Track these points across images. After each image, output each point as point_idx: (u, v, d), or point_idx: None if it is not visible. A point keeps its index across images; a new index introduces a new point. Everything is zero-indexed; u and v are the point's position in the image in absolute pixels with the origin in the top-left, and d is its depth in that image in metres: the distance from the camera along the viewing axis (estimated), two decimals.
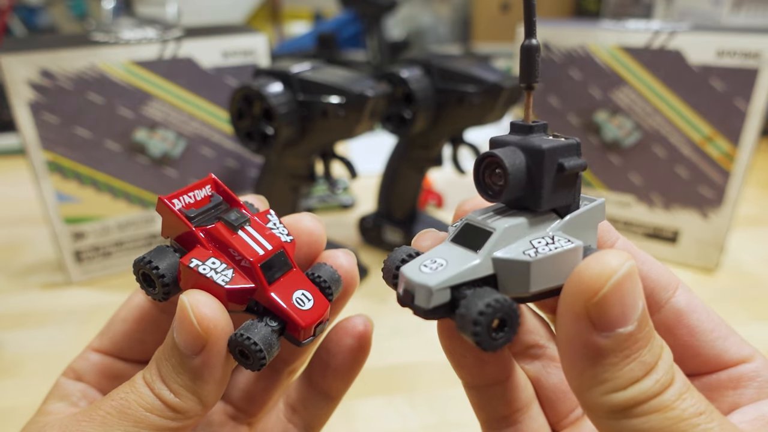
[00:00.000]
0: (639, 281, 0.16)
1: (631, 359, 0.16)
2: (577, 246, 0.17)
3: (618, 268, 0.15)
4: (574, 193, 0.18)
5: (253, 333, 0.18)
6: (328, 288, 0.21)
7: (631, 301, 0.15)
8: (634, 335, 0.15)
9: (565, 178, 0.17)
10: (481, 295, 0.16)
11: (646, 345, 0.16)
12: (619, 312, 0.15)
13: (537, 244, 0.17)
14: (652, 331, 0.16)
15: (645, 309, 0.16)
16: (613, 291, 0.15)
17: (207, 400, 0.19)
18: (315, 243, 0.23)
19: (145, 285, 0.20)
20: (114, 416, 0.19)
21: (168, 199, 0.20)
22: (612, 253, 0.15)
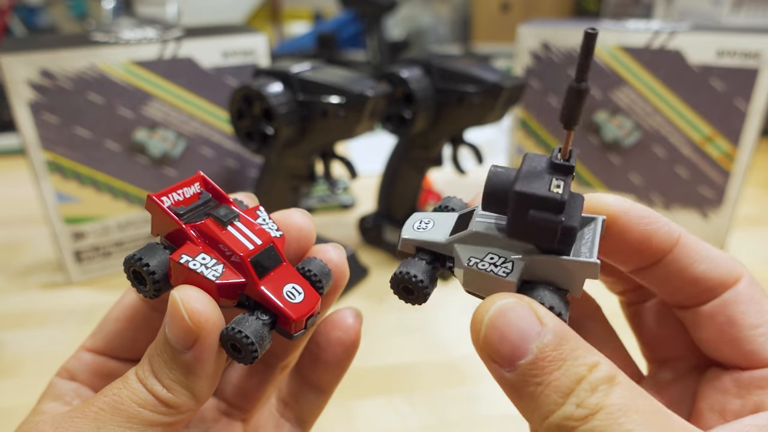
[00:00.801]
0: (521, 315, 0.16)
1: (543, 386, 0.16)
2: (509, 282, 0.18)
3: (487, 311, 0.17)
4: (552, 241, 0.17)
5: (244, 326, 0.19)
6: (318, 281, 0.21)
7: (516, 334, 0.16)
8: (538, 363, 0.16)
9: (538, 227, 0.17)
10: (408, 263, 0.20)
11: (558, 369, 0.16)
12: (508, 347, 0.16)
13: (487, 258, 0.19)
14: (565, 353, 0.16)
15: (552, 333, 0.16)
16: (489, 332, 0.16)
17: (200, 395, 0.19)
18: (305, 238, 0.23)
19: (136, 283, 0.20)
20: (107, 412, 0.19)
21: (157, 197, 0.20)
22: (492, 297, 0.17)
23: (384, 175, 0.61)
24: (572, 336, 0.16)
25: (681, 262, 0.20)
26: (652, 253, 0.20)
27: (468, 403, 0.42)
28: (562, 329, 0.16)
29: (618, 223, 0.20)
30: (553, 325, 0.16)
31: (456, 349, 0.47)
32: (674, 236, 0.20)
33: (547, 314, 0.17)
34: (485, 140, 0.94)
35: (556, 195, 0.17)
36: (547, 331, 0.16)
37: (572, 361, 0.16)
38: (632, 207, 0.20)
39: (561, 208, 0.17)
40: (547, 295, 0.18)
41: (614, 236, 0.20)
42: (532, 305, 0.17)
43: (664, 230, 0.20)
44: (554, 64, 0.64)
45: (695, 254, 0.20)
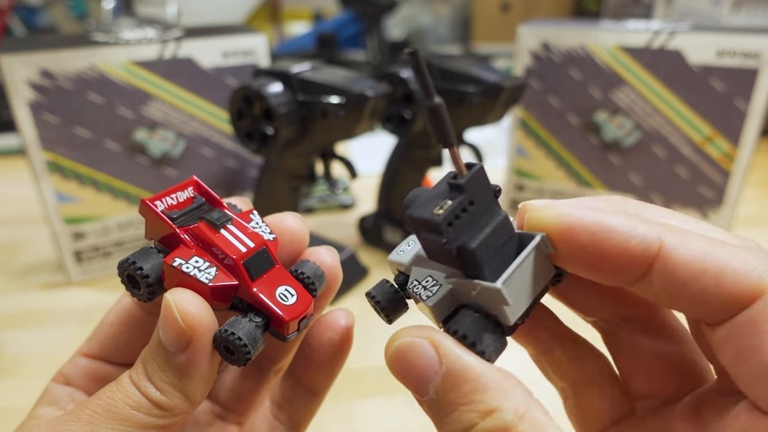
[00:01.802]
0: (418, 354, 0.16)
1: (442, 424, 0.16)
2: (429, 306, 0.18)
3: (388, 347, 0.17)
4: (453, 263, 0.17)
5: (237, 328, 0.19)
6: (311, 284, 0.21)
7: (414, 375, 0.16)
8: (435, 404, 0.16)
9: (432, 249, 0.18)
10: (377, 286, 0.20)
11: (451, 413, 0.15)
12: (408, 383, 0.16)
13: (424, 281, 0.19)
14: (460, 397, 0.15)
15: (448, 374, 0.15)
16: (390, 367, 0.17)
17: (193, 397, 0.19)
18: (298, 241, 0.23)
19: (130, 286, 0.20)
20: (101, 415, 0.19)
21: (150, 201, 0.20)
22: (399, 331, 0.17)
23: (384, 175, 0.61)
24: (473, 376, 0.15)
25: (667, 280, 0.16)
26: (619, 274, 0.16)
27: None
28: (462, 368, 0.15)
29: (566, 242, 0.17)
30: (452, 365, 0.15)
31: None
32: (650, 249, 0.16)
33: (449, 351, 0.16)
34: (485, 140, 0.94)
35: (432, 216, 0.17)
36: (444, 371, 0.16)
37: (465, 406, 0.15)
38: (582, 220, 0.16)
39: (437, 228, 0.16)
40: (467, 322, 0.17)
41: (566, 256, 0.17)
42: (434, 341, 0.16)
43: (632, 245, 0.16)
44: (554, 64, 0.64)
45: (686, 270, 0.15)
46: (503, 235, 0.18)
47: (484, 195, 0.18)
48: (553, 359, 0.22)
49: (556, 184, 0.70)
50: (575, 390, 0.22)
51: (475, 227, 0.17)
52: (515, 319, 0.17)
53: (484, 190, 0.18)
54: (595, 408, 0.21)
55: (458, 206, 0.17)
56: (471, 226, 0.17)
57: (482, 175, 0.18)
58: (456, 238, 0.17)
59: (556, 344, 0.22)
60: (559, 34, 0.63)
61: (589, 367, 0.21)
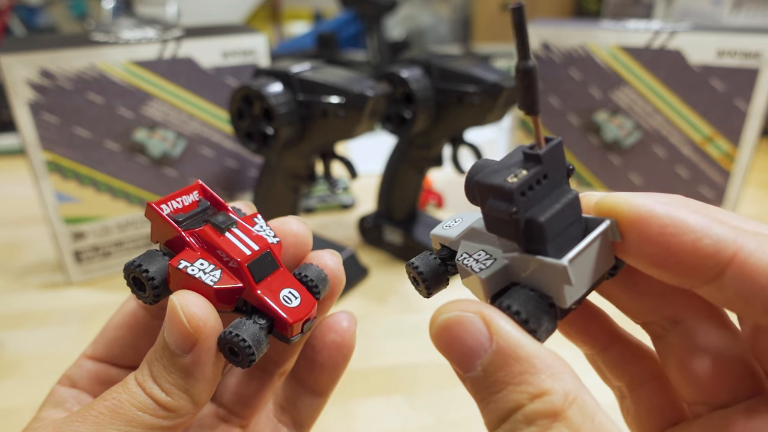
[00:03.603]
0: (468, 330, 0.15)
1: (485, 403, 0.15)
2: (480, 278, 0.18)
3: (434, 320, 0.16)
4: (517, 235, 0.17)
5: (242, 330, 0.19)
6: (315, 287, 0.21)
7: (461, 350, 0.15)
8: (481, 381, 0.15)
9: (497, 218, 0.17)
10: (420, 257, 0.20)
11: (498, 392, 0.15)
12: (453, 359, 0.16)
13: (475, 254, 0.18)
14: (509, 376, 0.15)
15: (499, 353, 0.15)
16: (436, 340, 0.16)
17: (198, 399, 0.20)
18: (301, 244, 0.23)
19: (136, 289, 0.20)
20: (107, 416, 0.19)
21: (156, 205, 0.20)
22: (447, 304, 0.16)
23: (384, 175, 0.61)
24: (524, 355, 0.15)
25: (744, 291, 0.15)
26: (685, 274, 0.16)
27: (468, 403, 0.41)
28: (514, 347, 0.15)
29: (634, 231, 0.16)
30: (503, 342, 0.15)
31: None
32: (724, 253, 0.15)
33: (502, 328, 0.15)
34: (485, 140, 0.94)
35: (505, 184, 0.16)
36: (494, 348, 0.15)
37: (514, 386, 0.15)
38: (655, 211, 0.16)
39: (509, 196, 0.16)
40: (520, 299, 0.16)
41: (632, 247, 0.16)
42: (486, 317, 0.15)
43: (703, 244, 0.15)
44: (554, 64, 0.64)
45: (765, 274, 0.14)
46: (571, 215, 0.17)
47: (558, 171, 0.17)
48: (608, 359, 0.22)
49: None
50: (630, 390, 0.21)
51: (545, 202, 0.17)
52: (572, 302, 0.17)
53: (559, 166, 0.17)
54: (649, 409, 0.21)
55: (533, 177, 0.16)
56: (542, 200, 0.17)
57: (560, 150, 0.17)
58: (526, 209, 0.16)
59: (611, 343, 0.21)
60: (559, 34, 0.63)
61: (643, 368, 0.21)
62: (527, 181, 0.16)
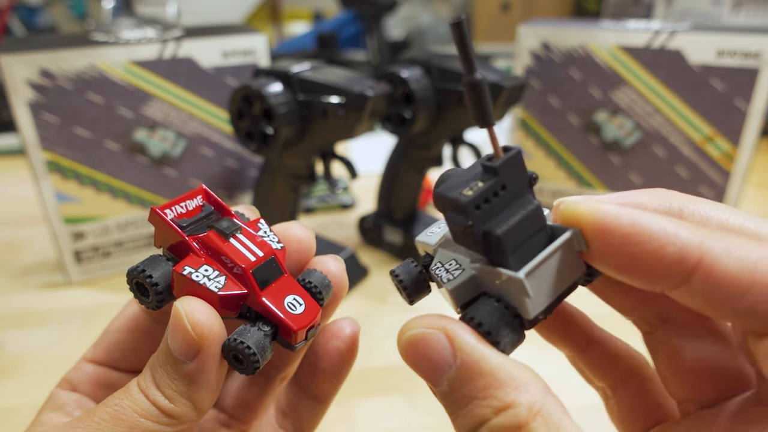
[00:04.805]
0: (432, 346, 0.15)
1: (455, 416, 0.16)
2: (446, 289, 0.18)
3: (400, 337, 0.16)
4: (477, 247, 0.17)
5: (246, 337, 0.19)
6: (318, 293, 0.21)
7: (427, 367, 0.16)
8: (448, 396, 0.15)
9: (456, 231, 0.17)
10: (403, 264, 0.20)
11: (463, 406, 0.15)
12: (422, 374, 0.16)
13: (447, 264, 0.18)
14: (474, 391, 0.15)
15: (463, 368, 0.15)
16: (404, 357, 0.16)
17: (201, 406, 0.19)
18: (305, 250, 0.23)
19: (139, 294, 0.20)
20: (109, 422, 0.19)
21: (160, 210, 0.20)
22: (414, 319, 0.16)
23: (384, 175, 0.61)
24: (488, 369, 0.15)
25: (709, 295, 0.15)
26: (651, 281, 0.15)
27: None
28: (477, 362, 0.15)
29: (598, 240, 0.16)
30: (467, 358, 0.15)
31: None
32: (688, 259, 0.14)
33: (464, 343, 0.15)
34: (485, 140, 0.94)
35: (460, 197, 0.16)
36: (459, 364, 0.15)
37: (479, 401, 0.15)
38: (617, 219, 0.15)
39: (463, 210, 0.16)
40: (485, 311, 0.16)
41: (597, 255, 0.16)
42: (449, 332, 0.15)
43: (667, 252, 0.15)
44: (554, 64, 0.64)
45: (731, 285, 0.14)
46: (534, 225, 0.17)
47: (518, 181, 0.17)
48: (588, 360, 0.22)
49: (556, 184, 0.69)
50: (613, 391, 0.22)
51: (504, 213, 0.17)
52: (535, 313, 0.16)
53: (520, 176, 0.17)
54: (632, 409, 0.21)
55: (489, 189, 0.16)
56: (501, 211, 0.17)
57: (519, 160, 0.17)
58: (483, 222, 0.16)
59: (590, 345, 0.21)
60: (559, 34, 0.63)
61: (624, 368, 0.21)
62: (482, 194, 0.16)
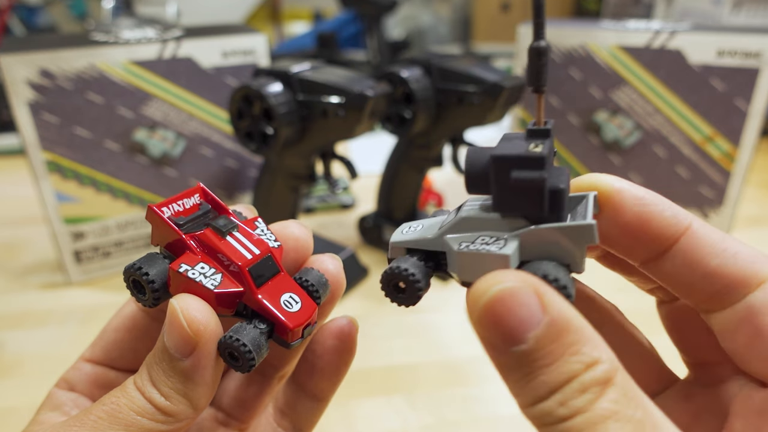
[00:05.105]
0: (522, 301, 0.15)
1: (532, 377, 0.15)
2: (503, 255, 0.17)
3: (485, 291, 0.15)
4: (541, 205, 0.16)
5: (242, 335, 0.19)
6: (315, 291, 0.21)
7: (513, 322, 0.15)
8: (531, 354, 0.15)
9: (522, 190, 0.16)
10: (400, 260, 0.19)
11: (551, 363, 0.15)
12: (503, 334, 0.15)
13: (478, 240, 0.18)
14: (563, 347, 0.15)
15: (553, 324, 0.15)
16: (484, 316, 0.15)
17: (198, 403, 0.19)
18: (302, 248, 0.23)
19: (136, 292, 0.20)
20: (105, 420, 0.19)
21: (157, 208, 0.20)
22: (493, 275, 0.15)
23: (384, 175, 0.61)
24: (575, 326, 0.15)
25: (691, 254, 0.18)
26: (652, 240, 0.18)
27: (468, 403, 0.42)
28: (565, 318, 0.15)
29: (611, 202, 0.18)
30: (556, 314, 0.15)
31: (456, 349, 0.47)
32: (682, 224, 0.18)
33: (552, 300, 0.15)
34: (485, 140, 0.94)
35: (534, 152, 0.16)
36: (548, 320, 0.15)
37: (568, 357, 0.15)
38: (628, 187, 0.18)
39: (542, 163, 0.16)
40: (551, 267, 0.16)
41: (608, 218, 0.19)
42: (537, 288, 0.15)
43: (666, 215, 0.18)
44: (554, 64, 0.64)
45: (709, 247, 0.18)
46: (569, 187, 0.18)
47: (552, 149, 0.18)
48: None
49: None
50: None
51: (552, 174, 0.17)
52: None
53: (552, 145, 0.18)
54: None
55: (550, 147, 0.17)
56: (550, 172, 0.17)
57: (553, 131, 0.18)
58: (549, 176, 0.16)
59: None
60: (559, 34, 0.63)
61: None
62: (550, 151, 0.17)
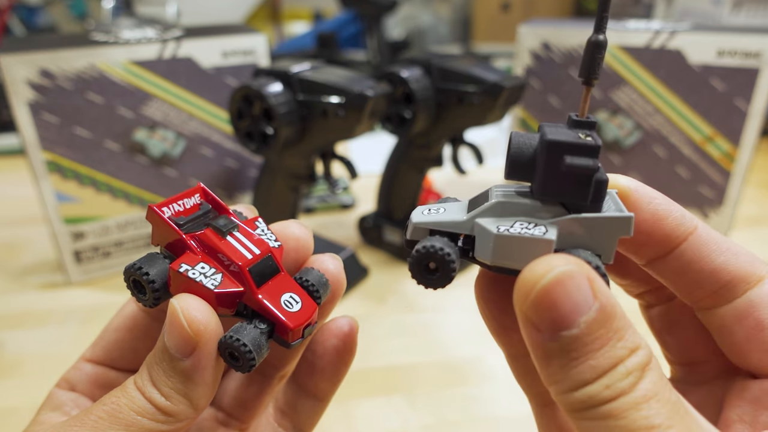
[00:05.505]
0: (578, 285, 0.15)
1: (579, 362, 0.15)
2: (548, 240, 0.17)
3: (543, 274, 0.15)
4: (586, 193, 0.17)
5: (242, 335, 0.19)
6: (316, 291, 0.21)
7: (568, 306, 0.15)
8: (581, 338, 0.15)
9: (572, 176, 0.17)
10: (429, 239, 0.18)
11: (599, 348, 0.15)
12: (556, 317, 0.15)
13: (516, 224, 0.18)
14: (611, 333, 0.15)
15: (603, 310, 0.15)
16: (540, 298, 0.15)
17: (198, 403, 0.19)
18: (302, 248, 0.23)
19: (136, 292, 0.20)
20: (105, 420, 0.19)
21: (158, 207, 0.20)
22: (548, 259, 0.16)
23: (384, 175, 0.61)
24: (620, 313, 0.16)
25: (697, 252, 0.19)
26: (663, 238, 0.19)
27: (468, 403, 0.42)
28: (612, 305, 0.16)
29: (627, 201, 0.19)
30: (605, 301, 0.15)
31: (456, 349, 0.47)
32: (690, 224, 0.19)
33: (602, 287, 0.16)
34: (485, 140, 0.94)
35: (590, 141, 0.17)
36: (598, 306, 0.15)
37: (615, 342, 0.15)
38: (643, 186, 0.20)
39: (596, 152, 0.16)
40: (590, 256, 0.17)
41: None
42: (590, 274, 0.16)
43: (676, 215, 0.19)
44: (554, 64, 0.64)
45: (714, 245, 0.19)
46: None
47: None
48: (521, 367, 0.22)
49: None
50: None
51: None
52: None
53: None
54: None
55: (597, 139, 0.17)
56: None
57: None
58: None
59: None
60: (559, 34, 0.63)
61: None
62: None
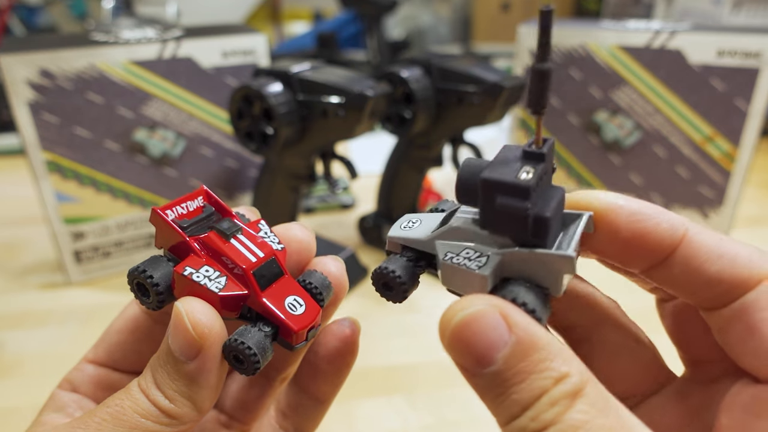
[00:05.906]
0: (490, 323, 0.15)
1: (505, 396, 0.15)
2: (482, 276, 0.17)
3: (455, 314, 0.16)
4: (525, 230, 0.17)
5: (247, 338, 0.19)
6: (319, 294, 0.21)
7: (482, 344, 0.15)
8: (502, 374, 0.15)
9: (507, 215, 0.17)
10: (389, 260, 0.20)
11: (521, 381, 0.15)
12: (473, 356, 0.16)
13: (463, 253, 0.18)
14: (532, 365, 0.15)
15: (520, 344, 0.15)
16: (454, 339, 0.16)
17: (202, 406, 0.19)
18: (305, 251, 0.23)
19: (140, 294, 0.20)
20: (109, 422, 0.19)
21: (161, 210, 0.20)
22: (466, 299, 0.16)
23: (384, 175, 0.61)
24: (543, 344, 0.16)
25: (689, 263, 0.18)
26: (648, 253, 0.19)
27: (468, 403, 0.42)
28: (532, 337, 0.16)
29: (605, 221, 0.19)
30: (522, 334, 0.15)
31: None
32: (677, 233, 0.18)
33: (518, 321, 0.16)
34: (485, 140, 0.94)
35: (521, 181, 0.16)
36: (515, 340, 0.15)
37: (537, 374, 0.15)
38: (623, 204, 0.19)
39: (526, 194, 0.16)
40: (522, 291, 0.17)
41: (604, 235, 0.19)
42: (503, 310, 0.16)
43: (662, 228, 0.18)
44: (555, 64, 0.64)
45: (706, 253, 0.18)
46: (560, 209, 0.18)
47: (550, 169, 0.18)
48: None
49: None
50: None
51: (543, 197, 0.17)
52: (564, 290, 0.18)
53: (550, 165, 0.18)
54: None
55: (540, 174, 0.17)
56: (541, 195, 0.17)
57: (553, 150, 0.18)
58: (534, 205, 0.17)
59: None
60: (559, 34, 0.63)
61: None
62: (538, 179, 0.17)
